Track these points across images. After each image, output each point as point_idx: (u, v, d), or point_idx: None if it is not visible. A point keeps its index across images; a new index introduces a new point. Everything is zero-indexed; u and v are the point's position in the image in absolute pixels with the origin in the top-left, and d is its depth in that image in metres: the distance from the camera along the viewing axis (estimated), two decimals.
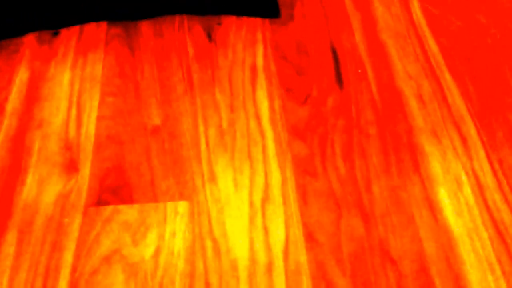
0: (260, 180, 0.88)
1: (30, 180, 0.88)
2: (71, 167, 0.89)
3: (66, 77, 1.03)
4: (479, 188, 0.86)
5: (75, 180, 0.87)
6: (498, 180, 0.87)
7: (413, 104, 0.97)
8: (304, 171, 0.89)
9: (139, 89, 1.01)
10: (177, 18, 1.13)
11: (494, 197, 0.85)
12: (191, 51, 1.07)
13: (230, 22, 1.12)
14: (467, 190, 0.86)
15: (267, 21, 1.12)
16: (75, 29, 1.12)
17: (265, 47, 1.07)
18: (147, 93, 1.00)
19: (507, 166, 0.88)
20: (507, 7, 1.12)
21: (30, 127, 0.95)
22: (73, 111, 0.98)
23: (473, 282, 0.76)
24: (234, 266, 0.78)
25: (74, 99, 1.00)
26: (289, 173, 0.88)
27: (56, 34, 1.10)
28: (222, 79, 1.02)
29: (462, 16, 1.11)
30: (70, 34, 1.11)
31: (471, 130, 0.93)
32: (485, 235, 0.81)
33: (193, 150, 0.92)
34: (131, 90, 1.01)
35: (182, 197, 0.85)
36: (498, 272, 0.77)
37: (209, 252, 0.79)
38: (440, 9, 1.12)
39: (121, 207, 0.84)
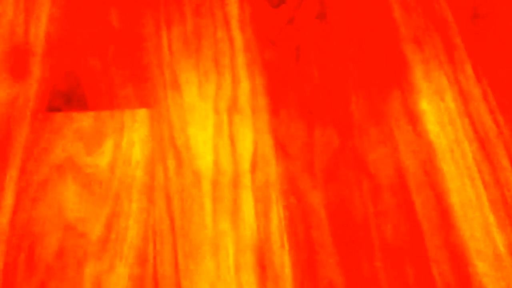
0: (227, 88, 0.80)
1: None
2: (18, 71, 0.81)
3: None
4: (463, 99, 0.81)
5: (23, 85, 0.79)
6: (483, 91, 0.81)
7: (396, 10, 0.90)
8: (276, 80, 0.82)
9: None
10: None
11: (478, 107, 0.80)
12: None
13: None
14: (450, 101, 0.80)
15: None
16: None
17: None
18: None
19: (493, 77, 0.82)
20: None
21: None
22: (21, 10, 0.88)
23: (452, 193, 0.71)
24: (197, 178, 0.72)
25: None
26: (258, 81, 0.81)
27: None
28: None
29: None
30: None
31: (458, 40, 0.87)
32: (466, 146, 0.76)
33: (155, 55, 0.84)
34: None
35: (141, 104, 0.78)
36: (478, 181, 0.72)
37: (170, 163, 0.73)
38: None
39: (74, 114, 0.76)
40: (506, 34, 0.87)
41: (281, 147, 0.75)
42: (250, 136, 0.76)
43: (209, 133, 0.76)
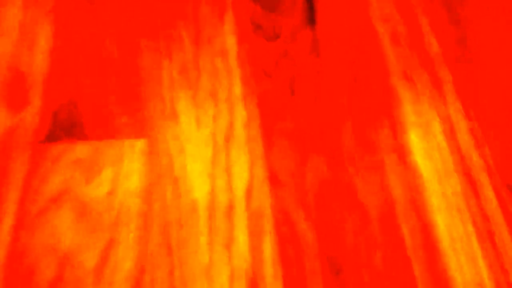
0: (224, 118, 0.83)
1: None
2: (19, 99, 0.83)
3: (17, 3, 0.95)
4: (451, 133, 0.83)
5: (23, 115, 0.81)
6: (471, 125, 0.84)
7: (387, 45, 0.93)
8: (271, 112, 0.84)
9: (98, 18, 0.94)
10: None
11: (466, 142, 0.82)
12: None
13: None
14: (439, 135, 0.83)
15: None
16: None
17: None
18: (105, 23, 0.94)
19: (481, 112, 0.85)
20: None
21: None
22: (24, 40, 0.90)
23: (440, 226, 0.73)
24: (193, 207, 0.74)
25: (27, 27, 0.92)
26: (254, 112, 0.84)
27: None
28: (188, 13, 0.96)
29: None
30: None
31: (447, 75, 0.90)
32: (455, 179, 0.79)
33: (154, 85, 0.86)
34: (88, 19, 0.94)
35: (140, 134, 0.80)
36: (466, 214, 0.74)
37: (168, 192, 0.75)
38: None
39: (73, 144, 0.78)
40: (493, 69, 0.90)
41: (275, 177, 0.78)
42: (245, 166, 0.78)
43: (206, 163, 0.78)
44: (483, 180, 0.79)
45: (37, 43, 0.90)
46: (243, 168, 0.78)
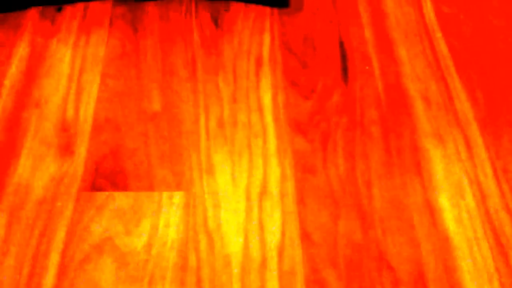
0: (258, 174, 0.86)
1: (24, 160, 0.86)
2: (66, 149, 0.87)
3: (67, 55, 1.01)
4: (481, 195, 0.85)
5: (69, 163, 0.85)
6: (500, 188, 0.85)
7: (418, 106, 0.95)
8: (304, 168, 0.87)
9: (141, 72, 0.99)
10: (185, 1, 1.10)
11: (496, 205, 0.84)
12: (196, 36, 1.05)
13: (238, 9, 1.09)
14: (469, 197, 0.84)
15: (275, 10, 1.10)
16: (80, 6, 1.09)
17: (272, 37, 1.05)
18: (149, 77, 0.98)
19: (511, 175, 0.87)
20: None
21: (27, 105, 0.93)
22: (72, 91, 0.95)
23: None
24: (227, 262, 0.76)
25: (74, 78, 0.97)
26: (288, 169, 0.87)
27: (60, 10, 1.08)
28: (226, 67, 1.00)
29: (474, 17, 1.08)
30: (74, 11, 1.08)
31: (477, 136, 0.92)
32: (484, 244, 0.80)
33: (192, 139, 0.90)
34: (133, 73, 0.99)
35: (178, 187, 0.83)
36: (496, 283, 0.75)
37: (203, 246, 0.78)
38: (453, 9, 1.10)
39: (116, 193, 0.82)
40: None
41: (307, 235, 0.80)
42: (279, 223, 0.81)
43: (240, 218, 0.81)
44: None
45: (83, 93, 0.95)
46: (276, 225, 0.81)
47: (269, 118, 0.93)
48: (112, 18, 1.07)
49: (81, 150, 0.87)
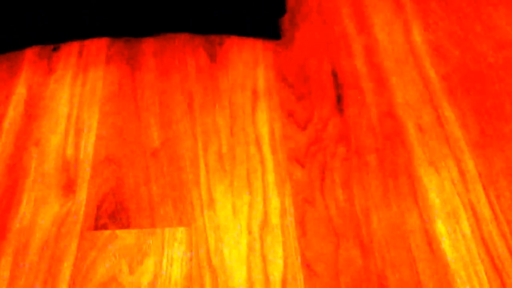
0: (259, 207, 0.87)
1: (26, 201, 0.87)
2: (68, 188, 0.88)
3: (65, 94, 1.02)
4: (476, 221, 0.87)
5: (72, 203, 0.86)
6: (494, 213, 0.87)
7: (412, 133, 0.98)
8: (303, 199, 0.89)
9: (139, 109, 1.01)
10: (179, 37, 1.13)
11: (491, 230, 0.85)
12: (192, 71, 1.07)
13: (232, 43, 1.12)
14: (464, 222, 0.86)
15: (268, 42, 1.12)
16: (76, 44, 1.11)
17: (266, 70, 1.07)
18: (147, 113, 1.00)
19: (504, 200, 0.89)
20: (504, 36, 1.12)
21: (27, 146, 0.94)
22: (72, 130, 0.97)
23: None
24: None
25: (73, 117, 0.99)
26: (288, 201, 0.88)
27: (56, 49, 1.10)
28: (223, 101, 1.02)
29: (459, 44, 1.11)
30: (70, 50, 1.10)
31: (469, 162, 0.94)
32: (481, 268, 0.81)
33: (192, 174, 0.91)
34: (131, 110, 1.00)
35: (180, 223, 0.85)
36: None
37: (207, 281, 0.79)
38: (438, 36, 1.13)
39: (119, 232, 0.83)
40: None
41: (309, 266, 0.81)
42: (280, 255, 0.82)
43: (243, 252, 0.82)
44: (508, 268, 0.82)
45: (83, 132, 0.96)
46: (278, 257, 0.82)
47: (267, 150, 0.95)
48: (108, 55, 1.09)
49: (83, 188, 0.88)
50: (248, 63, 1.08)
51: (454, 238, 0.85)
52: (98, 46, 1.10)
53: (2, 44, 1.08)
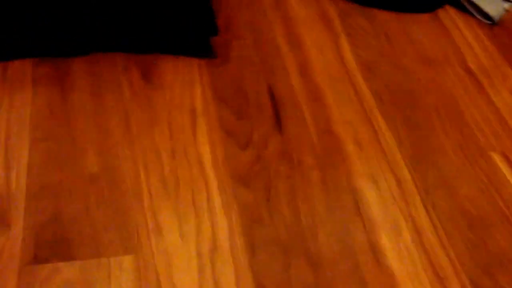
0: (206, 229, 0.86)
1: None
2: (1, 222, 0.82)
3: None
4: (416, 231, 0.90)
5: (6, 238, 0.80)
6: (433, 223, 0.91)
7: (350, 149, 1.00)
8: (251, 219, 0.88)
9: (73, 133, 0.96)
10: (111, 56, 1.09)
11: (430, 240, 0.89)
12: (127, 92, 1.04)
13: (166, 62, 1.10)
14: (406, 233, 0.89)
15: (203, 61, 1.11)
16: None
17: (203, 89, 1.06)
18: (82, 137, 0.95)
19: (439, 210, 0.93)
20: (429, 53, 1.18)
21: None
22: (1, 158, 0.90)
23: None
24: None
25: (1, 145, 0.92)
26: (235, 221, 0.87)
27: None
28: (161, 122, 1.00)
29: (389, 60, 1.16)
30: None
31: (405, 174, 0.97)
32: (425, 278, 0.84)
33: (135, 199, 0.88)
34: (65, 135, 0.95)
35: (126, 251, 0.81)
36: None
37: None
38: (368, 53, 1.17)
39: (61, 264, 0.78)
40: (447, 167, 0.99)
41: (261, 285, 0.80)
42: (232, 277, 0.81)
43: (194, 276, 0.80)
44: (450, 277, 0.85)
45: (13, 160, 0.90)
46: (230, 279, 0.80)
47: (210, 171, 0.93)
48: (35, 77, 1.03)
49: (18, 221, 0.82)
50: (184, 82, 1.07)
51: (397, 249, 0.87)
52: (23, 67, 1.04)
53: None
